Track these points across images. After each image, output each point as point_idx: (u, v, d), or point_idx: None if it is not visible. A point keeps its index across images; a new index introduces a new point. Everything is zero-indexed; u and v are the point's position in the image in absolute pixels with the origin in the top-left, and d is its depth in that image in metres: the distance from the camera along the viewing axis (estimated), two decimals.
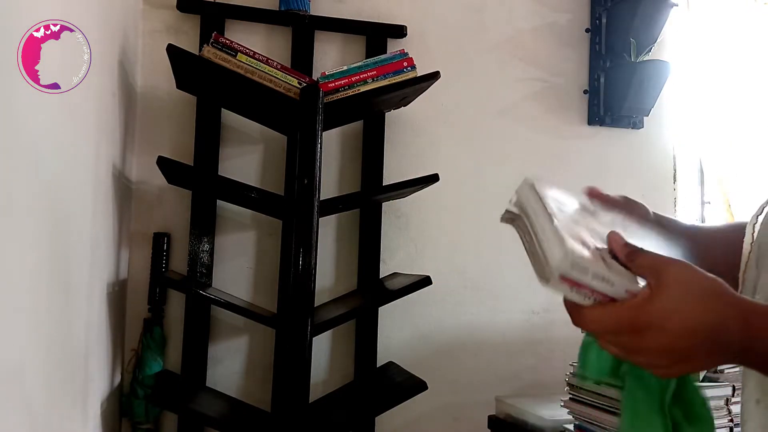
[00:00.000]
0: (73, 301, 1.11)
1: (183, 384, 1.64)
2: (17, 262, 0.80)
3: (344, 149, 1.87)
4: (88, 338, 1.23)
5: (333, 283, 1.84)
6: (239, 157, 1.78)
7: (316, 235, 1.45)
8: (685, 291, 0.49)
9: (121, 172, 1.54)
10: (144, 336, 1.64)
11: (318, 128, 1.47)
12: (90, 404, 1.27)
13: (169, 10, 1.73)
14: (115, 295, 1.51)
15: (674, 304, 0.48)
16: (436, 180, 1.67)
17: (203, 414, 1.51)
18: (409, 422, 1.84)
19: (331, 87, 1.58)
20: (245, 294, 1.77)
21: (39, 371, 0.92)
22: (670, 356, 0.49)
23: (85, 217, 1.17)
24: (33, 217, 0.86)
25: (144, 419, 1.62)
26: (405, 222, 1.90)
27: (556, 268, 0.49)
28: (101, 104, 1.28)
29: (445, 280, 1.82)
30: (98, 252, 1.29)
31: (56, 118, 0.94)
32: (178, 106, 1.73)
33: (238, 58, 1.48)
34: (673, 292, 0.48)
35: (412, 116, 1.88)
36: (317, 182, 1.46)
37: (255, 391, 1.75)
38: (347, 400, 1.73)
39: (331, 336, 1.82)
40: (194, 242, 1.69)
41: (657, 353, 0.49)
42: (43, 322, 0.93)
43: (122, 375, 1.65)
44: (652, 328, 0.48)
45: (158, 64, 1.64)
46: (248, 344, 1.78)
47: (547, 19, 2.04)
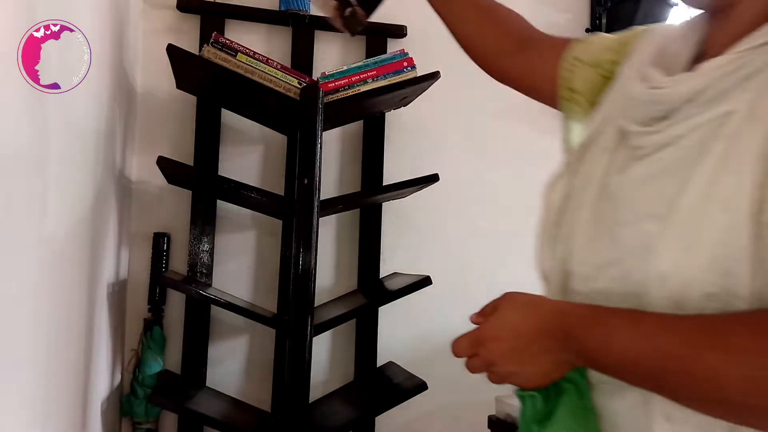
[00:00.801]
0: (73, 301, 1.11)
1: (183, 384, 1.64)
2: (17, 261, 0.80)
3: (344, 149, 1.88)
4: (88, 338, 1.23)
5: (333, 283, 1.84)
6: (239, 157, 1.78)
7: (316, 235, 1.45)
8: (512, 307, 0.61)
9: (121, 172, 1.54)
10: (144, 336, 1.64)
11: (318, 128, 1.47)
12: (90, 404, 1.27)
13: (169, 10, 1.73)
14: (115, 295, 1.51)
15: (505, 317, 0.61)
16: (436, 180, 1.67)
17: (203, 414, 1.51)
18: (409, 422, 1.84)
19: (331, 87, 1.58)
20: (245, 294, 1.77)
21: (39, 371, 0.92)
22: (514, 359, 0.60)
23: (85, 217, 1.17)
24: (33, 217, 0.86)
25: (144, 419, 1.62)
26: (405, 222, 1.90)
27: None
28: (101, 104, 1.28)
29: (445, 280, 1.82)
30: (98, 252, 1.29)
31: (56, 118, 0.94)
32: (178, 106, 1.73)
33: (238, 58, 1.48)
34: (503, 310, 0.62)
35: (412, 116, 1.88)
36: (317, 182, 1.46)
37: (255, 391, 1.75)
38: (347, 400, 1.73)
39: (331, 336, 1.82)
40: (194, 242, 1.69)
41: (503, 359, 0.60)
42: (43, 322, 0.93)
43: (122, 375, 1.65)
44: (493, 339, 0.61)
45: (158, 64, 1.64)
46: (248, 344, 1.78)
47: (547, 19, 2.04)
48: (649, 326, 0.52)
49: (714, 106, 0.55)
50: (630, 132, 0.63)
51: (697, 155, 0.54)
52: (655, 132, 0.60)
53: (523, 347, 0.59)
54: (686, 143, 0.56)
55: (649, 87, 0.62)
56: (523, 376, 0.60)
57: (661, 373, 0.50)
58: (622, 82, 0.71)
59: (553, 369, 0.60)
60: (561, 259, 0.67)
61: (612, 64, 0.79)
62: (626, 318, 0.54)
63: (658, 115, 0.60)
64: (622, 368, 0.54)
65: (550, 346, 0.58)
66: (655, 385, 0.52)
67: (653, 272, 0.53)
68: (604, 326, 0.55)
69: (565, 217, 0.69)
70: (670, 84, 0.60)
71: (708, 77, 0.56)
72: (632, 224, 0.58)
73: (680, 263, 0.52)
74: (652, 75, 0.63)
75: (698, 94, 0.57)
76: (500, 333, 0.60)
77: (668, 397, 0.52)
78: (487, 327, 0.62)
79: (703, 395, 0.49)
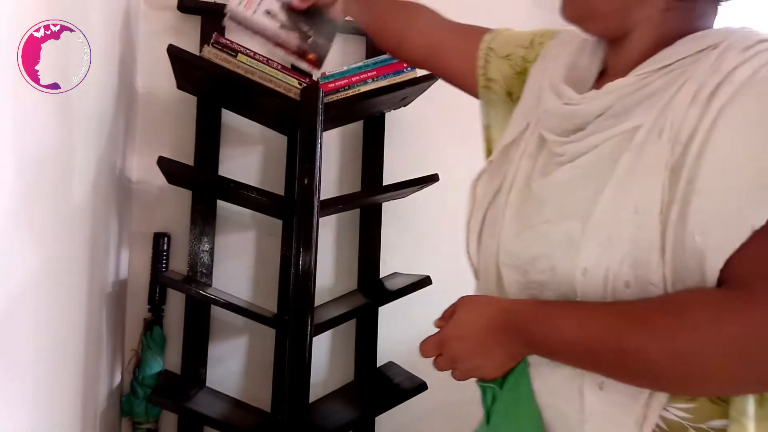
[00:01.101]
0: (73, 301, 1.11)
1: (183, 384, 1.64)
2: (17, 261, 0.80)
3: (344, 149, 1.88)
4: (88, 338, 1.23)
5: (333, 283, 1.84)
6: (239, 157, 1.78)
7: (316, 235, 1.45)
8: (468, 308, 0.71)
9: (121, 172, 1.54)
10: (144, 336, 1.64)
11: (318, 128, 1.47)
12: (90, 404, 1.28)
13: (169, 10, 1.73)
14: (115, 295, 1.52)
15: (462, 318, 0.70)
16: (436, 180, 1.68)
17: (203, 414, 1.51)
18: (409, 422, 1.84)
19: (331, 87, 1.59)
20: (245, 294, 1.77)
21: (39, 371, 0.92)
22: (474, 355, 0.69)
23: (85, 217, 1.17)
24: (33, 217, 0.86)
25: (144, 419, 1.62)
26: (405, 222, 1.90)
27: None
28: (101, 104, 1.28)
29: (445, 280, 1.82)
30: (98, 252, 1.30)
31: (56, 118, 0.95)
32: (178, 106, 1.73)
33: (238, 58, 1.48)
34: (460, 312, 0.71)
35: (412, 116, 1.88)
36: (317, 182, 1.46)
37: (255, 391, 1.76)
38: (347, 400, 1.73)
39: (331, 336, 1.82)
40: (194, 242, 1.69)
41: (465, 356, 0.69)
42: (43, 322, 0.93)
43: (122, 375, 1.65)
44: (454, 339, 0.70)
45: (158, 64, 1.64)
46: (248, 344, 1.78)
47: (547, 19, 2.04)
48: (583, 316, 0.60)
49: (622, 121, 0.64)
50: (549, 140, 0.72)
51: (610, 163, 0.63)
52: (572, 142, 0.68)
53: (480, 343, 0.68)
54: (600, 152, 0.65)
55: (564, 103, 0.71)
56: (484, 369, 0.69)
57: (596, 354, 0.59)
58: (537, 92, 0.79)
59: (508, 360, 0.68)
60: (491, 253, 0.75)
61: (523, 60, 0.89)
62: (565, 310, 0.62)
63: (572, 127, 0.69)
64: (565, 354, 0.63)
65: (503, 340, 0.67)
66: (593, 365, 0.61)
67: (577, 266, 0.61)
68: (547, 319, 0.63)
69: (491, 213, 0.78)
70: (582, 101, 0.69)
71: (614, 95, 0.66)
72: (557, 222, 0.65)
73: (600, 258, 0.60)
74: (566, 92, 0.72)
75: (607, 109, 0.66)
76: (460, 333, 0.69)
77: (605, 374, 0.60)
78: (448, 329, 0.71)
79: (632, 370, 0.57)
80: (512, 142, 0.80)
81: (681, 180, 0.57)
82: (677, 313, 0.54)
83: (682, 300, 0.56)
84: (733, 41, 0.62)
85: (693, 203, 0.56)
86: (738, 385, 0.55)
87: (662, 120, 0.60)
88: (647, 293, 0.58)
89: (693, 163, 0.57)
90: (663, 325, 0.54)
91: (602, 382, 0.62)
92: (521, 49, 0.90)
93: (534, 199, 0.71)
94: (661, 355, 0.54)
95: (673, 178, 0.58)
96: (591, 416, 0.62)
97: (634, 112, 0.64)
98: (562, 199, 0.66)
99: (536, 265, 0.66)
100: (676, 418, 0.60)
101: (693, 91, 0.60)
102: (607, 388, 0.61)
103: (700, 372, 0.53)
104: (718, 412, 0.59)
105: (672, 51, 0.65)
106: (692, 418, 0.59)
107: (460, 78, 0.99)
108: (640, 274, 0.58)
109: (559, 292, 0.64)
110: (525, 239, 0.69)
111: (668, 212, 0.57)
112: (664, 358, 0.54)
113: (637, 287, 0.58)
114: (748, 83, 0.57)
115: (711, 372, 0.53)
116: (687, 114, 0.59)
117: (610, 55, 0.75)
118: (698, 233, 0.55)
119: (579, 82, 0.74)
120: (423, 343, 0.73)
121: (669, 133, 0.59)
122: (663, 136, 0.59)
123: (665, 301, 0.57)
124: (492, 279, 0.75)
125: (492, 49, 0.93)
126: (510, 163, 0.78)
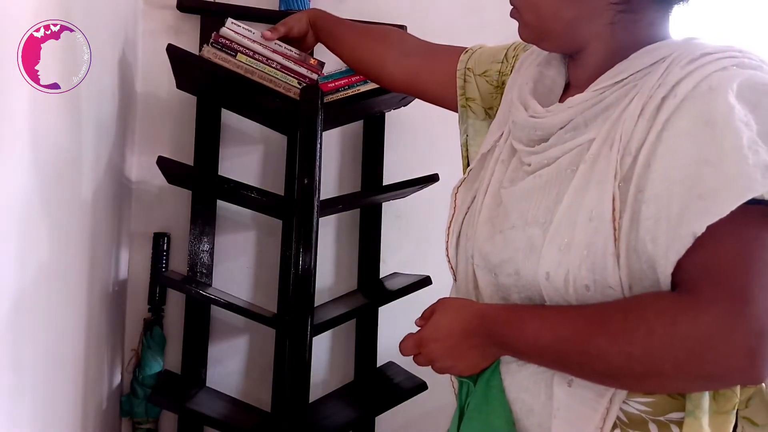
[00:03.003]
0: (73, 301, 1.11)
1: (183, 384, 1.64)
2: (17, 261, 0.80)
3: (344, 149, 1.88)
4: (88, 338, 1.23)
5: (333, 283, 1.84)
6: (239, 157, 1.78)
7: (316, 235, 1.45)
8: (444, 311, 0.75)
9: (121, 172, 1.54)
10: (144, 336, 1.64)
11: (318, 128, 1.47)
12: (90, 404, 1.27)
13: (169, 10, 1.73)
14: (115, 295, 1.51)
15: (439, 321, 0.75)
16: (436, 180, 1.68)
17: (203, 414, 1.51)
18: (409, 422, 1.84)
19: (331, 87, 1.58)
20: (245, 294, 1.77)
21: (39, 371, 0.92)
22: (449, 356, 0.73)
23: (85, 217, 1.17)
24: (33, 216, 0.86)
25: (144, 419, 1.62)
26: (405, 222, 1.90)
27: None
28: (101, 104, 1.28)
29: (445, 280, 1.82)
30: (98, 252, 1.29)
31: (56, 118, 0.94)
32: (178, 106, 1.73)
33: (238, 58, 1.48)
34: (438, 314, 0.75)
35: (412, 116, 1.88)
36: (317, 182, 1.46)
37: (255, 391, 1.75)
38: (347, 400, 1.73)
39: (331, 336, 1.82)
40: (194, 242, 1.69)
41: (441, 357, 0.74)
42: (43, 322, 0.93)
43: (122, 375, 1.65)
44: (431, 341, 0.75)
45: (158, 64, 1.64)
46: (248, 344, 1.78)
47: None
48: (551, 321, 0.65)
49: (580, 134, 0.69)
50: (518, 150, 0.77)
51: (569, 174, 0.67)
52: (536, 153, 0.73)
53: (455, 345, 0.73)
54: (560, 164, 0.69)
55: (529, 116, 0.75)
56: (459, 368, 0.74)
57: (563, 355, 0.63)
58: (509, 103, 0.83)
59: (481, 360, 0.73)
60: (468, 256, 0.79)
61: (499, 75, 0.93)
62: (534, 315, 0.67)
63: (537, 138, 0.73)
64: (535, 355, 0.67)
65: (476, 343, 0.72)
66: (561, 365, 0.65)
67: (539, 271, 0.65)
68: (518, 323, 0.68)
69: (468, 218, 0.82)
70: (546, 114, 0.73)
71: (574, 110, 0.70)
72: (520, 229, 0.70)
73: (560, 262, 0.64)
74: (532, 105, 0.76)
75: (568, 122, 0.70)
76: (436, 335, 0.74)
77: (571, 374, 0.65)
78: (427, 330, 0.76)
79: (596, 370, 0.62)
80: (489, 151, 0.84)
81: (631, 189, 0.61)
82: (634, 318, 0.58)
83: (639, 305, 0.60)
84: (679, 54, 0.65)
85: (642, 211, 0.60)
86: (692, 381, 0.58)
87: (613, 132, 0.65)
88: (607, 296, 0.62)
89: (641, 173, 0.61)
90: (622, 329, 0.59)
91: (571, 380, 0.66)
92: (496, 64, 0.94)
93: (502, 206, 0.75)
94: (621, 358, 0.58)
95: (623, 188, 0.62)
96: (559, 411, 0.66)
97: (591, 125, 0.68)
98: (526, 206, 0.71)
99: (504, 268, 0.71)
100: (636, 411, 0.64)
101: (642, 104, 0.63)
102: (575, 385, 0.66)
103: (657, 371, 0.57)
104: (676, 406, 0.63)
105: (626, 65, 0.68)
106: (651, 411, 0.64)
107: (441, 100, 1.03)
108: (598, 278, 0.62)
109: (525, 294, 0.69)
110: (495, 243, 0.74)
111: (620, 220, 0.61)
112: (624, 360, 0.58)
113: (596, 290, 0.62)
114: (689, 96, 0.61)
115: (666, 371, 0.57)
116: (636, 126, 0.63)
117: (572, 69, 0.79)
118: (649, 240, 0.59)
119: (546, 94, 0.79)
120: (403, 342, 0.78)
121: (618, 145, 0.63)
122: (613, 147, 0.64)
123: (624, 306, 0.61)
124: (470, 280, 0.80)
125: (469, 69, 0.97)
126: (486, 169, 0.82)
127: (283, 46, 1.46)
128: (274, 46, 1.46)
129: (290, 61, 1.49)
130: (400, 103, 1.77)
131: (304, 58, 1.49)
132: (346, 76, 1.60)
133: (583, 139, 0.68)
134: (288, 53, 1.47)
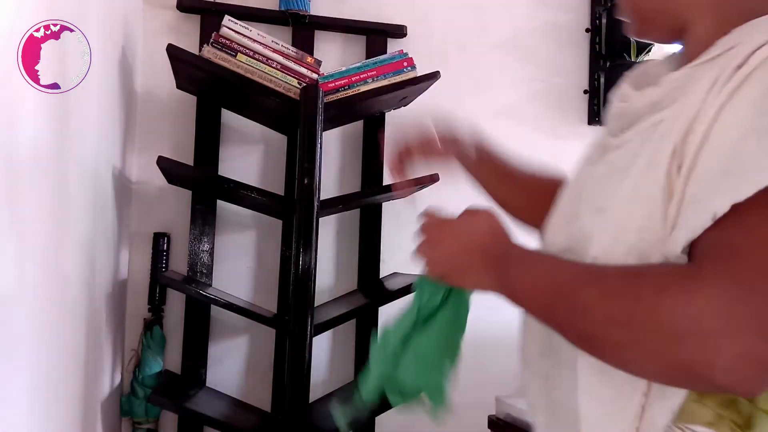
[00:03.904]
0: (73, 301, 1.11)
1: (183, 384, 1.64)
2: (18, 261, 0.80)
3: (344, 149, 1.87)
4: (88, 338, 1.23)
5: (333, 283, 1.84)
6: (239, 157, 1.78)
7: (316, 235, 1.45)
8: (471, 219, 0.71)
9: (121, 172, 1.54)
10: (144, 336, 1.64)
11: (318, 128, 1.47)
12: (90, 404, 1.27)
13: (169, 10, 1.73)
14: (115, 295, 1.51)
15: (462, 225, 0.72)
16: (436, 180, 1.67)
17: (203, 414, 1.51)
18: (409, 422, 1.84)
19: (331, 87, 1.58)
20: (245, 294, 1.77)
21: (39, 371, 0.92)
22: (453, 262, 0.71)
23: (85, 217, 1.17)
24: (33, 216, 0.86)
25: (144, 419, 1.62)
26: (405, 222, 1.89)
27: None
28: (101, 104, 1.28)
29: None
30: (98, 252, 1.29)
31: (56, 118, 0.94)
32: (178, 106, 1.73)
33: (237, 58, 1.48)
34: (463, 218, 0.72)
35: (412, 116, 1.88)
36: (317, 182, 1.46)
37: (255, 391, 1.75)
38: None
39: (331, 336, 1.82)
40: (194, 242, 1.69)
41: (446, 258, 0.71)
42: (44, 322, 0.93)
43: (122, 375, 1.65)
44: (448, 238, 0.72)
45: (158, 64, 1.64)
46: (248, 344, 1.78)
47: (547, 19, 2.04)
48: (554, 266, 0.62)
49: (656, 113, 0.61)
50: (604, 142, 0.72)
51: (636, 156, 0.61)
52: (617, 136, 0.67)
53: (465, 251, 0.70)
54: (631, 146, 0.63)
55: (620, 101, 0.70)
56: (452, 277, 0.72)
57: (552, 304, 0.59)
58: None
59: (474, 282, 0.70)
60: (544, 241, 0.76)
61: None
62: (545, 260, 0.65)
63: (626, 125, 0.66)
64: (527, 300, 0.63)
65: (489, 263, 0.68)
66: (548, 316, 0.60)
67: (588, 257, 0.60)
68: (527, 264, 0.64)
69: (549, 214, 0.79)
70: (635, 97, 0.67)
71: (664, 89, 0.62)
72: (583, 216, 0.66)
73: (608, 249, 0.59)
74: (626, 92, 0.70)
75: (655, 105, 0.62)
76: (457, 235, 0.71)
77: (556, 329, 0.59)
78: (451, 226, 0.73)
79: (577, 327, 0.56)
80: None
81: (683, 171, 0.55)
82: (629, 281, 0.53)
83: (642, 269, 0.55)
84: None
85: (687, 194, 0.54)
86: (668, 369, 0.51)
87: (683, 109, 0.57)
88: None
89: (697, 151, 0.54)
90: (612, 289, 0.54)
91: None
92: None
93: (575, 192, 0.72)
94: (603, 318, 0.53)
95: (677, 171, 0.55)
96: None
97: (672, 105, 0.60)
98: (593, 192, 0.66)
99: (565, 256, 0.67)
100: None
101: (714, 76, 0.56)
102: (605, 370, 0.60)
103: (635, 342, 0.51)
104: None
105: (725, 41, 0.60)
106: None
107: None
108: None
109: None
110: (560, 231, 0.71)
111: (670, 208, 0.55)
112: (605, 321, 0.53)
113: None
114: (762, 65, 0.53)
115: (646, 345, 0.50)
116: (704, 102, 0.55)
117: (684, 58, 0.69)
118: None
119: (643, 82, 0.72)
120: (426, 224, 0.75)
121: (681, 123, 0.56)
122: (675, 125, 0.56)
123: (628, 270, 0.55)
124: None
125: None
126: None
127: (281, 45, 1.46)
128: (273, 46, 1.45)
129: (290, 61, 1.49)
130: (400, 103, 1.77)
131: (301, 56, 1.49)
132: (346, 76, 1.60)
133: (657, 118, 0.60)
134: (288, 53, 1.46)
